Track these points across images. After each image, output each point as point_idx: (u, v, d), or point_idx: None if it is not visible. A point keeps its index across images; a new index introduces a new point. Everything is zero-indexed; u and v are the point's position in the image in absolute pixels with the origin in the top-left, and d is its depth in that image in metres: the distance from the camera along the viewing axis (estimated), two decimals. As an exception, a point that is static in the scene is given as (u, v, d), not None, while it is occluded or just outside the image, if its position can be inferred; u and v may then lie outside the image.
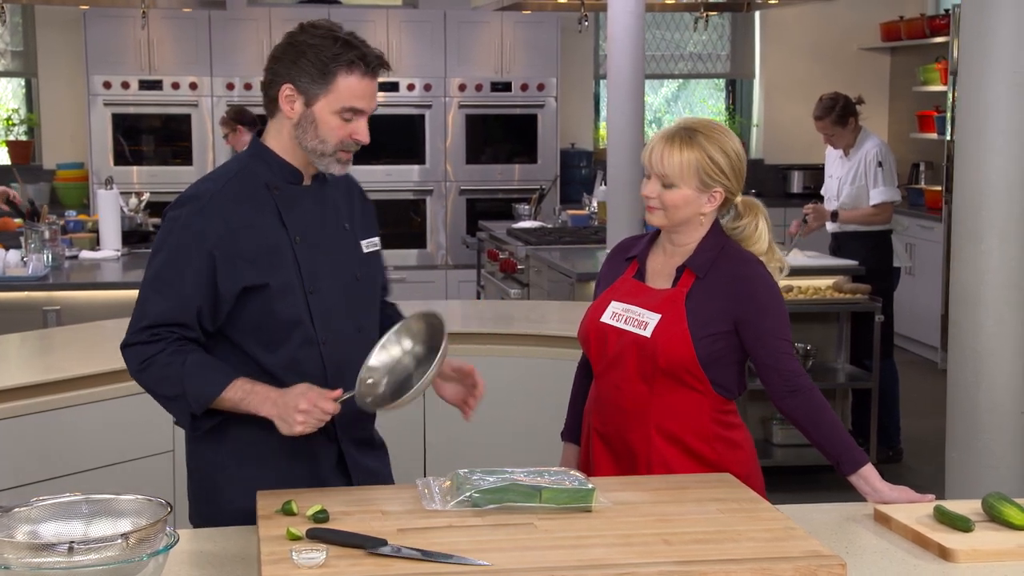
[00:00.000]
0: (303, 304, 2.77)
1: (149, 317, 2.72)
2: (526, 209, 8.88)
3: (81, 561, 2.06)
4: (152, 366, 2.71)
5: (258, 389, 2.69)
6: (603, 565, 2.23)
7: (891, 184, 6.77)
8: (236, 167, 2.83)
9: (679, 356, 2.88)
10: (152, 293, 2.74)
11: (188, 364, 2.69)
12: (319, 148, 2.76)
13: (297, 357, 2.77)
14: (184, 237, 2.72)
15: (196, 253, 2.70)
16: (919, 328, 9.38)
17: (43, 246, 6.29)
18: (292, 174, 2.82)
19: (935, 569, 2.44)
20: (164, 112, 9.91)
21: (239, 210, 2.74)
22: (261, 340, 2.76)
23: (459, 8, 10.08)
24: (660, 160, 2.92)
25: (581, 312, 3.14)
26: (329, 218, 2.86)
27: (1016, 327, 3.90)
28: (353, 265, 2.88)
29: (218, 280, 2.70)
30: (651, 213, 2.97)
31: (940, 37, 9.82)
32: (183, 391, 2.70)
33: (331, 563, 2.21)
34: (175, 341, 2.71)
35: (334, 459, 2.86)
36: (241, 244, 2.71)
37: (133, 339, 2.75)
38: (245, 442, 2.78)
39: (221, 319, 2.75)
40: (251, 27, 9.92)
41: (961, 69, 4.02)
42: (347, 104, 2.73)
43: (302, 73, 2.72)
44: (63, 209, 8.76)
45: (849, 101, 6.78)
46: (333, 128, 2.74)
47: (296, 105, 2.74)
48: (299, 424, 2.62)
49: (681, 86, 11.76)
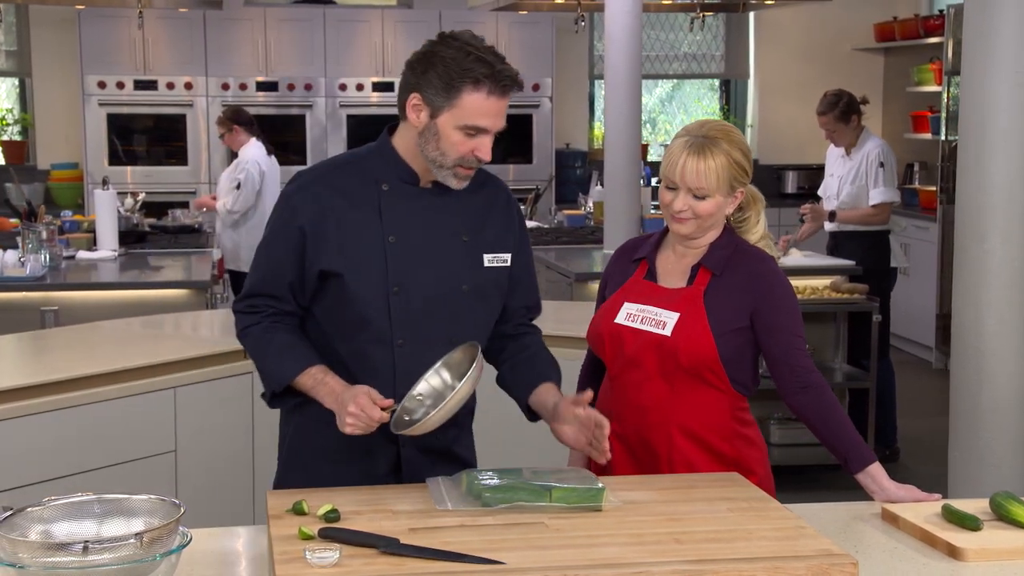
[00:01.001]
0: (383, 301, 2.77)
1: (248, 286, 2.86)
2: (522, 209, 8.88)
3: (95, 561, 2.06)
4: (248, 337, 2.87)
5: (328, 380, 2.74)
6: (617, 564, 2.23)
7: (891, 185, 6.79)
8: (354, 156, 2.89)
9: (701, 354, 2.88)
10: (255, 263, 2.88)
11: (273, 344, 2.81)
12: (439, 160, 2.75)
13: (367, 352, 2.80)
14: (282, 213, 2.83)
15: (290, 228, 2.79)
16: (914, 328, 9.40)
17: (41, 246, 6.29)
18: (408, 174, 2.82)
19: (945, 568, 2.44)
20: (159, 112, 9.91)
21: (336, 196, 2.79)
22: (336, 327, 2.82)
23: (454, 8, 10.08)
24: (695, 174, 2.88)
25: (586, 311, 3.13)
26: (441, 224, 2.83)
27: (1018, 326, 3.91)
28: (461, 275, 2.83)
29: (306, 259, 2.78)
30: (681, 224, 2.93)
31: (934, 37, 9.84)
32: (264, 367, 2.83)
33: (344, 562, 2.21)
34: (270, 316, 2.83)
35: (391, 461, 2.88)
36: (330, 228, 2.76)
37: (238, 306, 2.90)
38: (313, 429, 2.86)
39: (308, 297, 2.83)
40: (246, 27, 9.91)
41: (963, 69, 4.03)
42: (470, 121, 2.70)
43: (429, 85, 2.71)
44: (58, 209, 8.74)
45: (853, 98, 6.79)
46: (455, 143, 2.72)
47: (422, 115, 2.74)
48: (348, 425, 2.65)
49: (675, 86, 11.77)
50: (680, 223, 2.93)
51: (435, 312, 2.80)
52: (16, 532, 2.14)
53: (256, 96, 9.93)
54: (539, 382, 2.92)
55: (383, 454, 2.86)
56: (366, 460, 2.85)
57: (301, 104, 10.02)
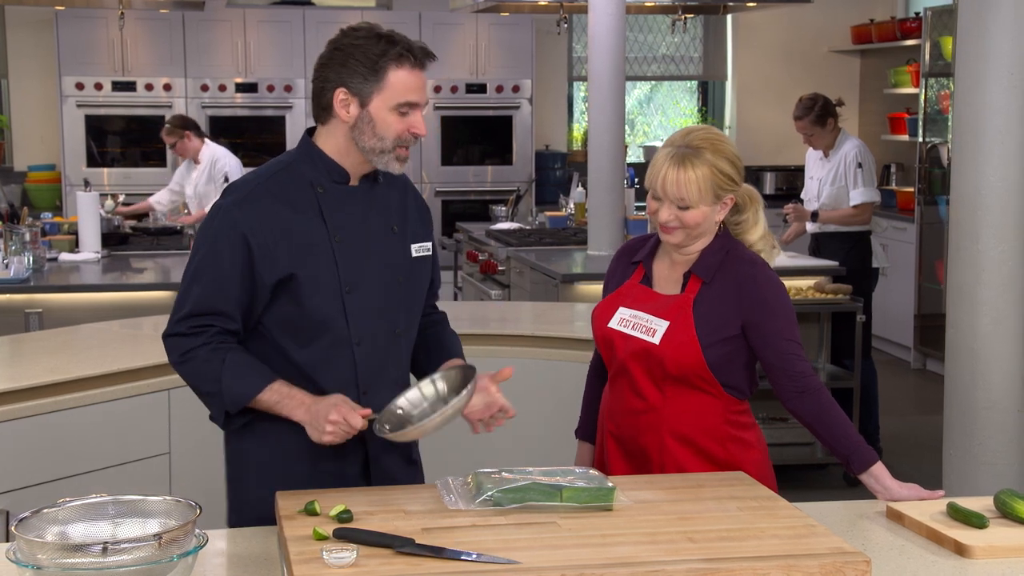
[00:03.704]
0: (338, 303, 2.77)
1: (188, 306, 2.75)
2: (503, 211, 8.89)
3: (114, 562, 2.05)
4: (192, 360, 2.75)
5: (294, 394, 2.72)
6: (632, 563, 2.23)
7: (871, 185, 6.82)
8: (282, 164, 2.84)
9: (688, 362, 2.89)
10: (192, 282, 2.76)
11: (227, 363, 2.71)
12: (378, 147, 2.77)
13: (328, 355, 2.78)
14: (224, 227, 2.74)
15: (235, 243, 2.72)
16: (892, 328, 9.45)
17: (24, 248, 6.24)
18: (339, 174, 2.82)
19: (952, 565, 2.46)
20: (137, 114, 9.85)
21: (279, 204, 2.75)
22: (293, 335, 2.78)
23: (434, 10, 10.07)
24: (675, 186, 2.89)
25: (579, 313, 3.15)
26: (375, 219, 2.86)
27: (1013, 326, 3.95)
28: (398, 267, 2.87)
29: (255, 272, 2.72)
30: (669, 234, 2.95)
31: (911, 40, 9.89)
32: (220, 389, 2.72)
33: (361, 562, 2.21)
34: (216, 335, 2.73)
35: (360, 462, 2.87)
36: (278, 237, 2.73)
37: (173, 329, 2.77)
38: (275, 438, 2.80)
39: (259, 311, 2.76)
40: (225, 28, 9.87)
41: (958, 70, 4.06)
42: (402, 99, 2.74)
43: (353, 75, 2.73)
44: (36, 211, 8.69)
45: (829, 102, 6.83)
46: (391, 124, 2.75)
47: (351, 108, 2.75)
48: (328, 434, 2.66)
49: (654, 88, 11.79)
50: (668, 233, 2.95)
51: (382, 307, 2.83)
52: (33, 533, 2.14)
53: (235, 98, 9.90)
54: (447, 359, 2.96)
55: (352, 456, 2.85)
56: (338, 462, 2.83)
57: (280, 106, 9.99)
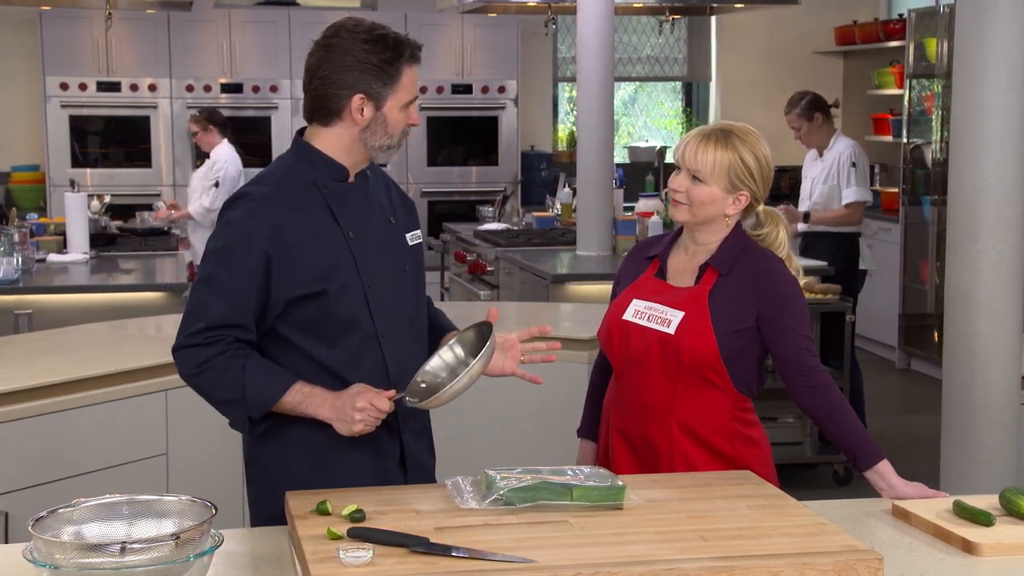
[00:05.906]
0: (362, 300, 2.77)
1: (207, 319, 2.70)
2: (490, 211, 8.90)
3: (130, 561, 2.05)
4: (210, 370, 2.71)
5: (316, 392, 2.71)
6: (647, 561, 2.24)
7: (864, 185, 6.87)
8: (283, 168, 2.83)
9: (703, 353, 2.92)
10: (207, 295, 2.72)
11: (247, 369, 2.69)
12: (387, 143, 2.80)
13: (358, 352, 2.79)
14: (237, 237, 2.71)
15: (250, 253, 2.69)
16: (877, 328, 9.48)
17: (13, 249, 6.21)
18: (339, 172, 2.83)
19: (960, 562, 2.48)
20: (122, 114, 9.82)
21: (291, 210, 2.74)
22: (321, 338, 2.77)
23: (420, 11, 10.06)
24: (694, 155, 2.96)
25: (570, 313, 3.16)
26: (375, 213, 2.88)
27: (1010, 325, 3.97)
28: (401, 258, 2.90)
29: (271, 283, 2.70)
30: (676, 208, 3.01)
31: (894, 41, 9.94)
32: (242, 396, 2.70)
33: (377, 561, 2.21)
34: (232, 343, 2.70)
35: (398, 455, 2.88)
36: (295, 245, 2.71)
37: (188, 341, 2.72)
38: (303, 441, 2.79)
39: (270, 321, 2.75)
40: (210, 28, 9.85)
41: (955, 71, 4.09)
42: (410, 96, 2.80)
43: (372, 80, 2.74)
44: (21, 212, 8.64)
45: (818, 98, 6.88)
46: (400, 121, 2.80)
47: (367, 111, 2.76)
48: (358, 423, 2.65)
49: (638, 89, 11.82)
50: (675, 206, 3.01)
51: (397, 298, 2.85)
52: (49, 533, 2.13)
53: (220, 98, 9.87)
54: (444, 333, 2.99)
55: (389, 450, 2.86)
56: (378, 459, 2.83)
57: (266, 106, 9.97)
